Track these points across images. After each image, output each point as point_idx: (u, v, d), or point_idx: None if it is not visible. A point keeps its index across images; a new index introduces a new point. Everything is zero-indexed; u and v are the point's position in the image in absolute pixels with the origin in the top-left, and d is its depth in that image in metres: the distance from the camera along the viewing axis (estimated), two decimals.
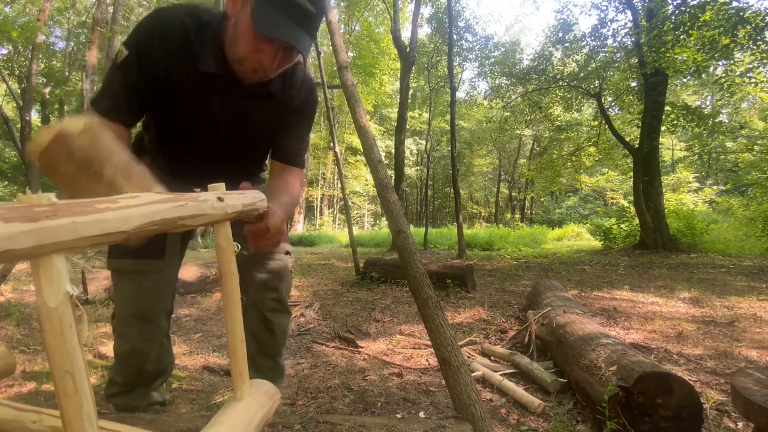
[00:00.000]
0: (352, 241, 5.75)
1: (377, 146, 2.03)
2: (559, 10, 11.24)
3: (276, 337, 1.50)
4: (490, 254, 9.54)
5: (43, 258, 0.36)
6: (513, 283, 5.21)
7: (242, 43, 0.98)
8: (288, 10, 0.94)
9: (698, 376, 2.17)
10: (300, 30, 0.97)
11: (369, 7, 16.78)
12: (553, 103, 12.73)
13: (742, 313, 3.44)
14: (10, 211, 0.33)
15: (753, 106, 20.94)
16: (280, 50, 0.99)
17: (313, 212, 24.68)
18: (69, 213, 0.37)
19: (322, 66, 6.08)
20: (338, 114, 20.68)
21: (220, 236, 0.68)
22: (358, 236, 12.87)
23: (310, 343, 2.96)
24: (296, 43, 0.96)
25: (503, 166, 28.32)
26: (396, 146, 11.34)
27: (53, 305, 0.36)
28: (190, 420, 0.91)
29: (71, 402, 0.39)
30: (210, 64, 1.03)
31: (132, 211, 0.44)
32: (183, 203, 0.52)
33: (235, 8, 0.99)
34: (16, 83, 15.98)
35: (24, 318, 3.25)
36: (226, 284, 0.69)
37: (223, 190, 0.66)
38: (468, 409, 1.32)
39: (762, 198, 9.34)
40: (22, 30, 9.96)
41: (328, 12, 2.65)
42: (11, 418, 0.79)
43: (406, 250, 1.67)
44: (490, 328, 3.21)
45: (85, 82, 9.12)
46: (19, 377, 2.04)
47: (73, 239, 0.37)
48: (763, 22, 6.68)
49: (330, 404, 1.91)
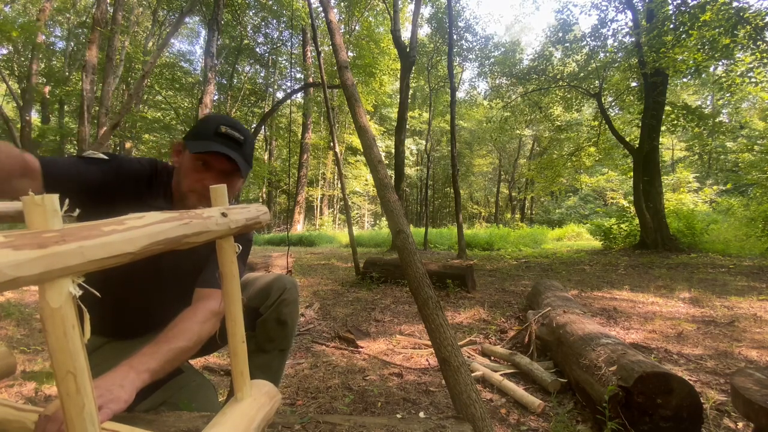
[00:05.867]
0: (352, 241, 5.75)
1: (377, 146, 2.03)
2: (559, 10, 11.23)
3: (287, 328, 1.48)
4: (490, 254, 9.54)
5: (50, 282, 0.36)
6: (513, 283, 5.21)
7: (186, 175, 1.11)
8: (219, 139, 1.10)
9: (698, 376, 2.17)
10: (234, 151, 1.10)
11: (369, 7, 16.76)
12: (553, 103, 12.73)
13: (742, 313, 3.44)
14: (19, 237, 0.34)
15: (753, 106, 20.91)
16: (221, 175, 1.10)
17: (313, 212, 24.67)
18: (77, 237, 0.38)
19: (322, 66, 6.08)
20: (338, 114, 20.66)
21: (222, 240, 0.68)
22: (358, 236, 12.87)
23: (310, 343, 2.96)
24: (233, 156, 1.08)
25: (503, 166, 28.32)
26: (396, 146, 11.33)
27: (56, 306, 0.37)
28: (190, 420, 0.91)
29: (73, 402, 0.39)
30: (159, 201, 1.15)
31: (138, 232, 0.44)
32: (187, 221, 0.53)
33: (178, 155, 1.16)
34: (16, 83, 16.00)
35: (24, 318, 3.25)
36: (226, 284, 0.69)
37: (227, 205, 0.67)
38: (468, 409, 1.33)
39: (762, 198, 9.34)
40: (22, 30, 9.97)
41: (329, 11, 2.65)
42: (12, 418, 0.79)
43: (406, 250, 1.67)
44: (490, 328, 3.21)
45: (85, 82, 9.11)
46: (19, 377, 2.04)
47: (81, 263, 0.37)
48: (763, 22, 6.68)
49: (330, 404, 1.92)
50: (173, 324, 0.98)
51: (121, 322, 1.18)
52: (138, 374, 0.81)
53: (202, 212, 0.58)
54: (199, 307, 1.04)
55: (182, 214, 0.53)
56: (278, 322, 1.39)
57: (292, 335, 1.47)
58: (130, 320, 1.19)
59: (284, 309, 1.39)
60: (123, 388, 0.76)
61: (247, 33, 18.23)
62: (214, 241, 1.17)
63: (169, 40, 12.27)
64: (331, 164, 23.93)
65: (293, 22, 16.25)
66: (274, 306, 1.38)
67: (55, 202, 0.38)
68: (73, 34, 17.61)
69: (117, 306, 1.14)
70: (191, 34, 24.28)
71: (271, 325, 1.39)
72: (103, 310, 1.02)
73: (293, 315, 1.44)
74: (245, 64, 20.86)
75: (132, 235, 0.43)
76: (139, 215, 0.47)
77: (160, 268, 1.16)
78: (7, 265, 0.31)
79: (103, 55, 10.51)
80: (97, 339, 1.19)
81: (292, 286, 1.43)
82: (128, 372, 0.80)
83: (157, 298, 1.19)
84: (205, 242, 0.57)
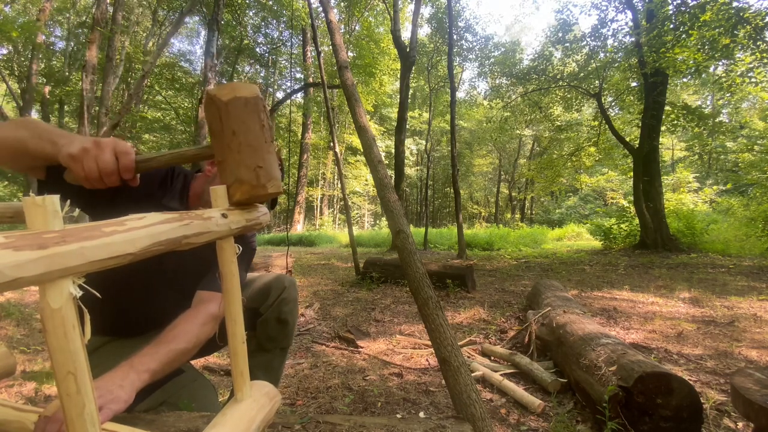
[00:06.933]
0: (352, 241, 5.75)
1: (377, 146, 2.03)
2: (559, 10, 11.23)
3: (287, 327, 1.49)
4: (490, 254, 9.54)
5: (50, 283, 0.36)
6: (513, 283, 5.21)
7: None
8: None
9: (698, 376, 2.17)
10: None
11: (369, 7, 16.75)
12: (553, 103, 12.73)
13: (742, 313, 3.44)
14: (20, 238, 0.34)
15: (753, 106, 20.92)
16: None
17: (313, 212, 24.67)
18: (77, 238, 0.38)
19: (322, 66, 6.08)
20: (338, 114, 20.65)
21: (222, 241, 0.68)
22: (358, 236, 12.87)
23: (310, 343, 2.96)
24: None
25: (503, 166, 28.32)
26: (396, 146, 11.33)
27: (56, 306, 0.37)
28: (190, 420, 0.90)
29: (74, 403, 0.39)
30: (173, 202, 1.16)
31: (138, 233, 0.44)
32: (188, 222, 0.53)
33: (213, 170, 1.17)
34: (16, 83, 15.99)
35: (24, 318, 3.25)
36: (226, 284, 0.69)
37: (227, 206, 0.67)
38: (468, 409, 1.33)
39: (762, 198, 9.34)
40: (22, 30, 9.97)
41: (329, 11, 2.65)
42: (12, 419, 0.79)
43: (406, 250, 1.67)
44: (490, 328, 3.21)
45: (85, 82, 9.10)
46: (19, 377, 2.04)
47: (82, 264, 0.37)
48: (763, 22, 6.68)
49: (330, 404, 1.92)
50: (173, 325, 0.98)
51: (122, 320, 1.18)
52: (138, 374, 0.81)
53: (203, 213, 0.58)
54: (199, 309, 1.05)
55: (183, 215, 0.53)
56: (279, 321, 1.40)
57: (292, 334, 1.48)
58: (131, 318, 1.19)
59: (284, 308, 1.40)
60: (123, 388, 0.76)
61: (247, 33, 18.23)
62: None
63: (169, 40, 12.25)
64: (331, 164, 23.94)
65: (293, 22, 16.25)
66: (275, 305, 1.39)
67: (56, 202, 0.38)
68: (73, 34, 17.60)
69: (119, 304, 1.15)
70: (191, 34, 24.28)
71: (271, 324, 1.40)
72: (105, 308, 1.02)
73: (293, 314, 1.45)
74: (245, 64, 20.86)
75: (133, 235, 0.43)
76: (139, 216, 0.47)
77: (164, 267, 1.17)
78: (8, 265, 0.31)
79: (103, 55, 10.50)
80: (98, 339, 1.20)
81: (292, 286, 1.44)
82: (128, 372, 0.81)
83: (159, 297, 1.20)
84: (206, 243, 0.57)
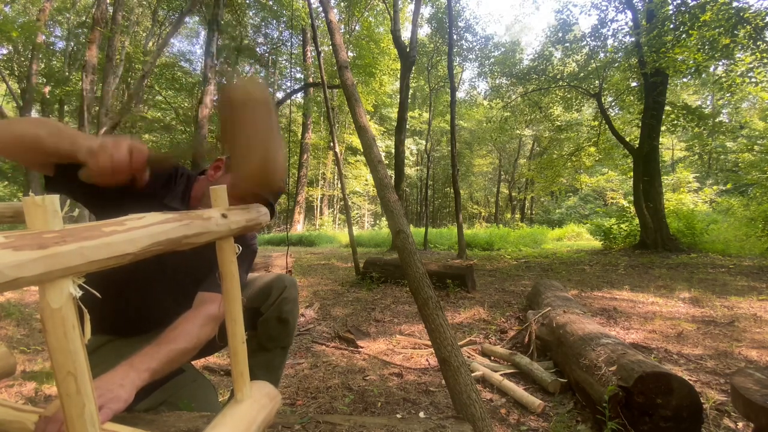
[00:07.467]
0: (352, 241, 5.75)
1: (377, 146, 2.03)
2: (559, 10, 11.22)
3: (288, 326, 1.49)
4: (490, 254, 9.54)
5: (50, 282, 0.36)
6: (513, 283, 5.21)
7: None
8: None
9: (698, 376, 2.17)
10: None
11: (369, 7, 16.76)
12: (553, 103, 12.72)
13: (742, 313, 3.44)
14: (20, 238, 0.34)
15: (753, 106, 20.92)
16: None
17: (313, 212, 24.67)
18: (77, 238, 0.38)
19: (322, 66, 6.08)
20: (338, 114, 20.66)
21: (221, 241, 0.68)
22: (358, 236, 12.86)
23: (310, 343, 2.96)
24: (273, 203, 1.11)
25: (503, 166, 28.32)
26: (396, 146, 11.33)
27: (56, 306, 0.37)
28: (190, 420, 0.90)
29: (73, 403, 0.39)
30: (175, 202, 1.15)
31: (138, 233, 0.44)
32: (188, 222, 0.52)
33: (216, 171, 1.17)
34: (16, 83, 15.99)
35: (24, 318, 3.25)
36: (226, 284, 0.69)
37: (227, 206, 0.67)
38: (468, 409, 1.33)
39: (762, 198, 9.34)
40: (22, 30, 9.98)
41: (329, 11, 2.65)
42: (12, 419, 0.79)
43: (406, 250, 1.67)
44: (490, 328, 3.21)
45: (85, 82, 9.10)
46: (19, 377, 2.04)
47: (82, 264, 0.37)
48: (763, 22, 6.68)
49: (330, 404, 1.92)
50: (174, 326, 0.98)
51: (122, 320, 1.18)
52: (138, 374, 0.81)
53: (203, 213, 0.58)
54: (200, 310, 1.05)
55: (182, 215, 0.53)
56: (279, 320, 1.41)
57: (293, 333, 1.49)
58: (131, 318, 1.19)
59: (285, 307, 1.41)
60: (123, 388, 0.76)
61: (247, 33, 18.23)
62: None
63: (169, 40, 12.26)
64: (331, 164, 23.93)
65: (293, 22, 16.24)
66: (275, 305, 1.40)
67: (56, 202, 0.38)
68: (73, 34, 17.59)
69: (119, 303, 1.15)
70: (191, 34, 24.28)
71: (272, 324, 1.40)
72: (105, 308, 1.03)
73: (294, 313, 1.46)
74: (245, 64, 20.85)
75: (132, 235, 0.43)
76: (139, 216, 0.47)
77: (164, 267, 1.16)
78: (8, 265, 0.31)
79: (103, 55, 10.50)
80: (98, 339, 1.20)
81: (292, 285, 1.45)
82: (128, 371, 0.81)
83: (159, 296, 1.20)
84: (206, 243, 0.57)
